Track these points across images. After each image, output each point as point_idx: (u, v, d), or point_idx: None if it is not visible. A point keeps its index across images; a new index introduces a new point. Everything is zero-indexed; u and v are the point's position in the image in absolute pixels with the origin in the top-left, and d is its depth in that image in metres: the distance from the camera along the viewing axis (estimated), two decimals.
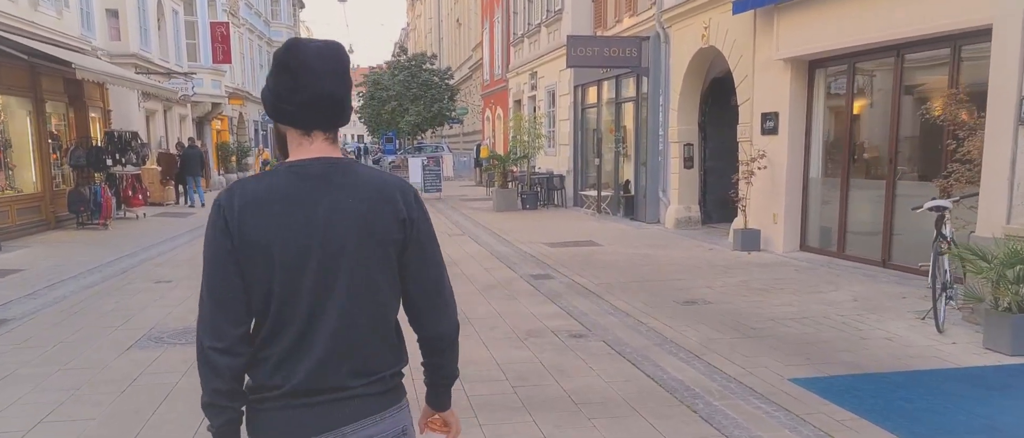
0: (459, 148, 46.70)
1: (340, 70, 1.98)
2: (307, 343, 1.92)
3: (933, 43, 9.24)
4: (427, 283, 2.09)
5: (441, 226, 16.86)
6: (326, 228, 1.91)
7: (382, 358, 2.02)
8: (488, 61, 35.13)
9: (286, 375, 1.92)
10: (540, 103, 24.66)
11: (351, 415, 1.95)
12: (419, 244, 2.03)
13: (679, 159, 15.34)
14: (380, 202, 1.97)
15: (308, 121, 1.98)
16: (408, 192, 2.03)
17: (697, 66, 14.91)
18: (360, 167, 2.05)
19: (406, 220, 1.99)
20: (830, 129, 11.55)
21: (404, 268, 2.04)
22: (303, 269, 1.90)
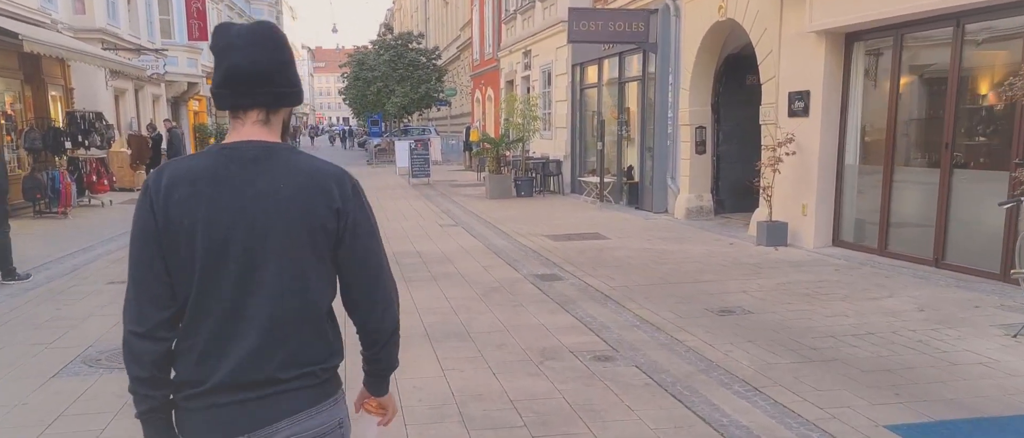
0: (447, 131, 45.33)
1: (264, 44, 1.91)
2: (232, 334, 1.87)
3: (1004, 10, 8.03)
4: (363, 276, 2.03)
5: (431, 215, 15.59)
6: (253, 214, 1.86)
7: (315, 350, 1.96)
8: (478, 40, 33.75)
9: (210, 368, 1.87)
10: (534, 84, 23.36)
11: (283, 410, 1.90)
12: (355, 236, 1.98)
13: (690, 143, 14.11)
14: (313, 191, 1.91)
15: (232, 100, 1.93)
16: (344, 182, 1.97)
17: (712, 41, 13.66)
18: (297, 154, 1.95)
19: (340, 210, 1.93)
20: (870, 111, 10.33)
21: (340, 260, 1.99)
22: (227, 255, 1.85)
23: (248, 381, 1.86)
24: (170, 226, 1.83)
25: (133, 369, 1.87)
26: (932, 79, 9.46)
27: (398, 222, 14.55)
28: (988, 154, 8.64)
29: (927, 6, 8.61)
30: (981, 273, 8.32)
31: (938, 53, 9.15)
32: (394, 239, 12.32)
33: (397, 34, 43.22)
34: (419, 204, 17.91)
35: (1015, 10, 7.92)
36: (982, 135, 8.76)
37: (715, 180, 14.45)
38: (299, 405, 1.91)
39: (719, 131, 14.42)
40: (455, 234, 12.88)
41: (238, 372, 1.85)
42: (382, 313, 2.07)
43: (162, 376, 1.90)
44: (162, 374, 1.90)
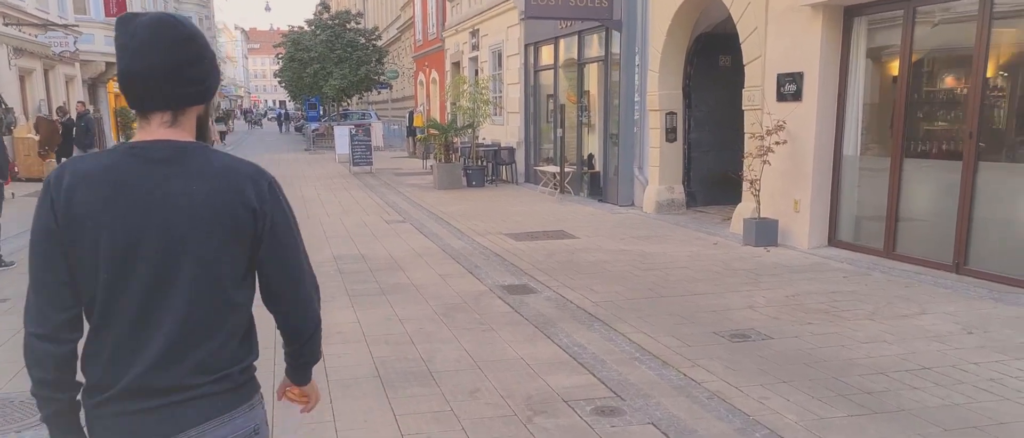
0: (389, 115, 43.62)
1: (162, 43, 1.81)
2: (141, 338, 1.83)
3: None
4: (284, 276, 1.99)
5: (376, 209, 14.15)
6: (163, 216, 1.81)
7: (229, 354, 1.91)
8: (420, 19, 32.13)
9: (118, 373, 1.82)
10: (483, 65, 21.97)
11: (195, 417, 1.85)
12: (273, 236, 1.93)
13: (660, 130, 12.93)
14: (227, 191, 1.85)
15: (132, 100, 1.88)
16: (260, 181, 1.91)
17: (684, 18, 12.47)
18: (212, 153, 1.90)
19: (257, 211, 1.88)
20: (875, 95, 9.24)
21: (260, 261, 1.94)
22: (136, 259, 1.80)
23: (157, 387, 1.82)
24: (72, 227, 1.79)
25: (35, 371, 1.85)
26: (952, 59, 8.38)
27: (339, 218, 13.10)
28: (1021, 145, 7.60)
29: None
30: (1015, 282, 7.27)
31: (960, 30, 8.06)
32: (335, 239, 10.90)
33: (334, 13, 41.25)
34: (362, 196, 16.44)
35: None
36: (1014, 124, 7.71)
37: (686, 171, 13.30)
38: (211, 412, 1.87)
39: (690, 117, 13.25)
40: (404, 233, 11.49)
41: (147, 377, 1.81)
42: (304, 311, 2.05)
43: (66, 378, 1.87)
44: (66, 376, 1.87)
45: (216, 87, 2.00)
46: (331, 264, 9.20)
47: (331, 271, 8.80)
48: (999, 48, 7.59)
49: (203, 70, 1.90)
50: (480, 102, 18.51)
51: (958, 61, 8.16)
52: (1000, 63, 7.66)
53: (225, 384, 1.89)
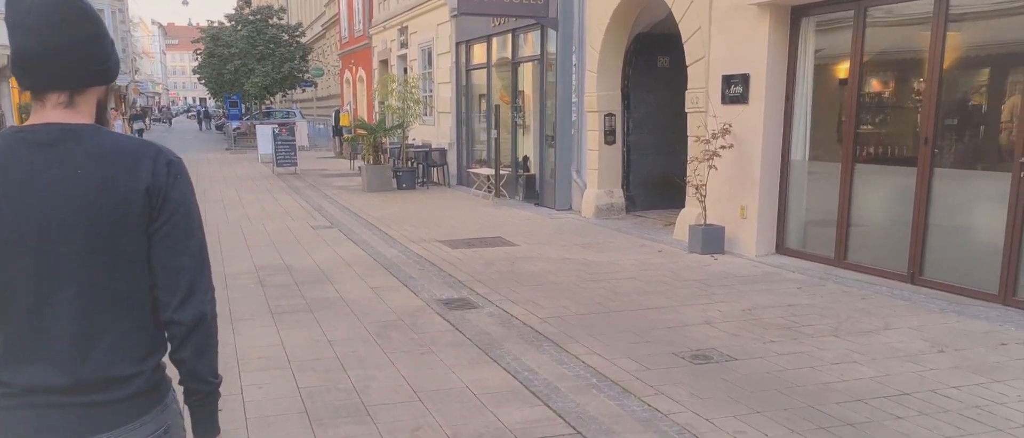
0: (314, 114, 42.46)
1: (60, 20, 1.71)
2: (39, 333, 1.72)
3: None
4: (179, 261, 1.81)
5: (302, 214, 13.39)
6: (48, 202, 1.70)
7: (137, 349, 1.80)
8: (346, 16, 31.21)
9: (18, 369, 1.72)
10: (412, 63, 21.28)
11: (106, 422, 1.74)
12: (166, 213, 1.78)
13: (598, 133, 12.52)
14: (117, 171, 1.73)
15: (26, 82, 1.77)
16: (160, 159, 1.79)
17: (622, 17, 12.07)
18: (104, 134, 1.78)
19: (150, 188, 1.75)
20: (824, 98, 8.95)
21: (152, 244, 1.79)
22: (19, 249, 1.70)
23: (60, 385, 1.71)
24: None
25: None
26: (906, 62, 8.13)
27: (261, 223, 12.31)
28: (978, 152, 7.38)
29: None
30: (973, 293, 7.02)
31: (913, 32, 7.80)
32: (257, 248, 10.15)
33: (256, 9, 39.87)
34: (286, 199, 15.62)
35: None
36: (972, 130, 7.48)
37: (626, 174, 12.91)
38: (123, 418, 1.76)
39: (629, 119, 12.87)
40: (332, 239, 10.80)
41: (49, 375, 1.71)
42: (183, 298, 1.82)
43: None
44: None
45: (117, 71, 1.90)
46: (252, 276, 8.48)
47: (252, 284, 8.09)
48: (955, 51, 7.34)
49: (104, 50, 1.81)
50: (410, 101, 17.85)
51: (912, 64, 7.91)
52: (956, 66, 7.41)
53: (135, 385, 1.78)
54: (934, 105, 7.34)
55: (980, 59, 7.43)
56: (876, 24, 8.10)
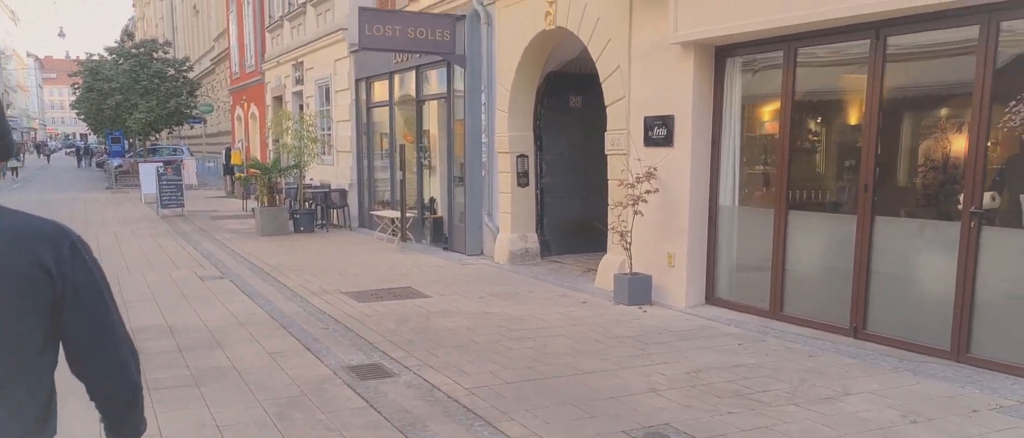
0: (203, 151, 40.49)
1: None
2: None
3: (939, 20, 6.35)
4: (92, 343, 1.84)
5: (188, 262, 12.16)
6: None
7: (22, 429, 1.76)
8: (236, 51, 29.77)
9: None
10: (309, 100, 20.20)
11: None
12: (77, 303, 1.79)
13: (511, 174, 11.84)
14: (17, 254, 1.71)
15: None
16: (61, 242, 1.78)
17: (535, 55, 11.49)
18: (3, 213, 1.78)
19: (55, 275, 1.74)
20: (753, 141, 8.53)
21: (63, 327, 1.81)
22: None
23: None
24: None
25: None
26: (841, 103, 7.76)
27: (142, 274, 11.06)
28: (923, 199, 7.01)
29: (836, 13, 6.81)
30: (923, 349, 6.59)
31: (850, 72, 7.43)
32: (136, 304, 8.97)
33: (139, 42, 37.82)
34: (171, 245, 14.30)
35: (957, 19, 6.27)
36: (914, 175, 7.11)
37: (539, 217, 12.26)
38: None
39: (542, 160, 12.26)
40: (223, 292, 9.69)
41: None
42: (117, 376, 1.87)
43: None
44: None
45: (13, 149, 1.91)
46: None
47: None
48: (894, 93, 6.98)
49: (5, 124, 1.86)
50: (307, 140, 16.82)
51: (848, 106, 7.55)
52: (895, 109, 7.06)
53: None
54: (873, 149, 6.96)
55: (921, 101, 7.12)
56: (808, 64, 7.71)
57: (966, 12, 6.11)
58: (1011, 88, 5.91)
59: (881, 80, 6.86)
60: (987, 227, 6.15)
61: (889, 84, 6.89)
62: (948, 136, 6.64)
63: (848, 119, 7.59)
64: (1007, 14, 5.93)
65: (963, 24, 6.24)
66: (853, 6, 6.64)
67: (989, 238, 6.14)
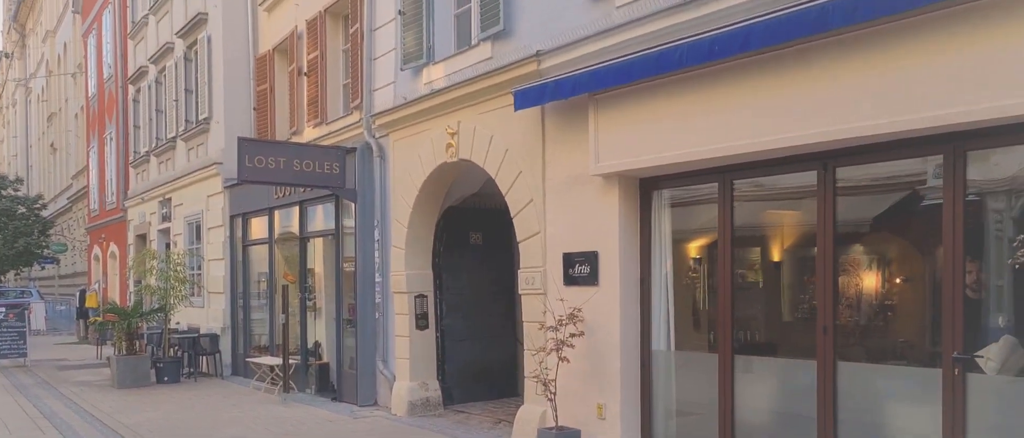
0: (55, 293, 36.83)
1: None
2: None
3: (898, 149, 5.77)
4: None
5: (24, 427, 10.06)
6: None
7: None
8: (97, 187, 27.36)
9: None
10: (177, 238, 18.32)
11: None
12: None
13: (409, 316, 10.56)
14: None
15: None
16: None
17: (435, 189, 10.49)
18: None
19: None
20: (689, 278, 7.69)
21: None
22: None
23: None
24: None
25: None
26: (788, 237, 7.06)
27: None
28: (895, 343, 6.26)
29: (776, 144, 6.15)
30: None
31: (795, 204, 6.77)
32: None
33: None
34: (5, 403, 12.00)
35: (916, 148, 5.70)
36: (883, 317, 6.38)
37: (440, 363, 10.94)
38: None
39: (442, 300, 11.06)
40: None
41: None
42: None
43: None
44: None
45: None
46: None
47: None
48: (851, 227, 6.32)
49: None
50: (174, 281, 15.00)
51: (797, 240, 6.84)
52: (852, 242, 6.38)
53: None
54: (830, 287, 6.19)
55: (883, 237, 6.47)
56: (747, 198, 7.01)
57: (929, 141, 5.54)
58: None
59: (833, 213, 6.17)
60: (973, 374, 5.40)
61: (843, 217, 6.22)
62: (923, 275, 5.98)
63: (798, 254, 6.89)
64: (975, 142, 5.38)
65: (924, 153, 5.68)
66: (795, 137, 6.00)
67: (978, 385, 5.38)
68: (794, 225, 6.94)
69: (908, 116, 5.32)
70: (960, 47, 5.02)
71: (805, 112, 5.90)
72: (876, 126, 5.51)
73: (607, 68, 7.17)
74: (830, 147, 5.98)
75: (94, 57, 27.06)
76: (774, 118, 6.10)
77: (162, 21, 19.27)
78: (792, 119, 6.00)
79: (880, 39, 5.43)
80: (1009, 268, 5.33)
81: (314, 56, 12.94)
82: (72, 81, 32.72)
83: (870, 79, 5.52)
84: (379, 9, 11.23)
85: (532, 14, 8.58)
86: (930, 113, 5.22)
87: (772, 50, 6.00)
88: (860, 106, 5.54)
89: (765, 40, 5.86)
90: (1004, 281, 5.48)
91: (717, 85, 6.52)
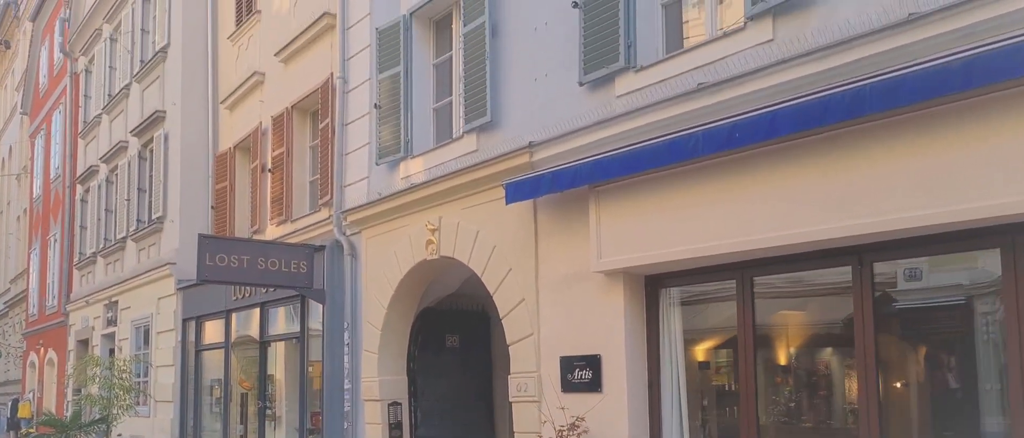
0: None
1: None
2: None
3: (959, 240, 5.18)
4: None
5: None
6: None
7: None
8: (37, 291, 25.58)
9: None
10: (122, 343, 16.86)
11: None
12: None
13: (381, 426, 9.50)
14: None
15: None
16: None
17: (412, 288, 9.62)
18: None
19: None
20: (704, 382, 6.93)
21: None
22: None
23: None
24: None
25: None
26: (819, 336, 6.37)
27: None
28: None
29: (802, 239, 5.54)
30: None
31: (828, 302, 6.11)
32: None
33: None
34: None
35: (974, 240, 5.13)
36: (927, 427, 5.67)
37: None
38: None
39: (417, 408, 10.02)
40: None
41: None
42: None
43: None
44: None
45: None
46: None
47: None
48: (886, 325, 5.66)
49: None
50: (117, 389, 13.64)
51: (833, 340, 6.15)
52: (892, 343, 5.72)
53: None
54: (873, 394, 5.48)
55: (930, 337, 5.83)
56: (770, 294, 6.34)
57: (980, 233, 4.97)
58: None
59: (872, 310, 5.53)
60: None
61: (883, 312, 5.57)
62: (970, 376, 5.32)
63: (831, 355, 6.19)
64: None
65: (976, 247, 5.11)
66: (827, 229, 5.39)
67: None
68: (824, 323, 6.28)
69: (959, 206, 4.75)
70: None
71: (838, 202, 5.30)
72: (922, 217, 4.92)
73: (612, 158, 6.55)
74: (867, 240, 5.38)
75: (41, 158, 25.79)
76: (802, 209, 5.50)
77: (116, 120, 18.31)
78: (823, 210, 5.39)
79: (927, 122, 4.90)
80: None
81: (280, 152, 12.16)
82: (16, 183, 31.24)
83: (912, 165, 4.97)
84: (352, 103, 10.59)
85: (521, 105, 8.01)
86: (982, 202, 4.67)
87: (800, 136, 5.45)
88: (902, 195, 4.97)
89: (795, 125, 5.32)
90: None
91: (735, 174, 5.93)
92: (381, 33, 9.79)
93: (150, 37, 16.62)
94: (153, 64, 16.01)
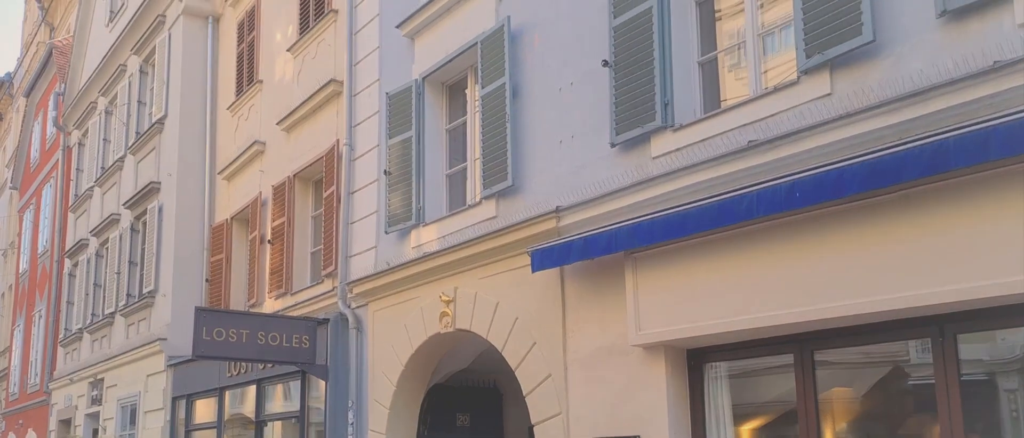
0: None
1: None
2: None
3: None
4: None
5: None
6: None
7: None
8: (19, 369, 24.34)
9: None
10: (107, 423, 15.75)
11: None
12: None
13: None
14: None
15: None
16: None
17: (424, 363, 8.85)
18: None
19: None
20: None
21: None
22: None
23: None
24: None
25: None
26: (896, 413, 5.67)
27: None
28: None
29: (876, 307, 4.88)
30: None
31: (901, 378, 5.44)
32: None
33: None
34: None
35: None
36: None
37: None
38: None
39: None
40: None
41: None
42: None
43: None
44: None
45: None
46: None
47: None
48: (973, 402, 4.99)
49: None
50: None
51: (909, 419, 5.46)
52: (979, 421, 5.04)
53: None
54: None
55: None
56: (831, 366, 5.67)
57: None
58: None
59: (958, 386, 4.87)
60: None
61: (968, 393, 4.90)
62: None
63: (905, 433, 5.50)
64: None
65: None
66: (902, 298, 4.76)
67: None
68: (898, 399, 5.60)
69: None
70: None
71: (915, 268, 4.69)
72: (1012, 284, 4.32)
73: (653, 221, 5.93)
74: (949, 310, 4.76)
75: (29, 232, 24.89)
76: (873, 275, 4.88)
77: (109, 192, 17.57)
78: (896, 276, 4.77)
79: (1020, 176, 4.35)
80: None
81: (280, 222, 11.48)
82: (2, 259, 30.17)
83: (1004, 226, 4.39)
84: (358, 171, 10.00)
85: (545, 168, 7.42)
86: None
87: (868, 196, 4.88)
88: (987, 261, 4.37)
89: (866, 183, 4.73)
90: None
91: (792, 238, 5.32)
92: (392, 98, 9.26)
93: (147, 109, 16.04)
94: (149, 135, 15.39)
